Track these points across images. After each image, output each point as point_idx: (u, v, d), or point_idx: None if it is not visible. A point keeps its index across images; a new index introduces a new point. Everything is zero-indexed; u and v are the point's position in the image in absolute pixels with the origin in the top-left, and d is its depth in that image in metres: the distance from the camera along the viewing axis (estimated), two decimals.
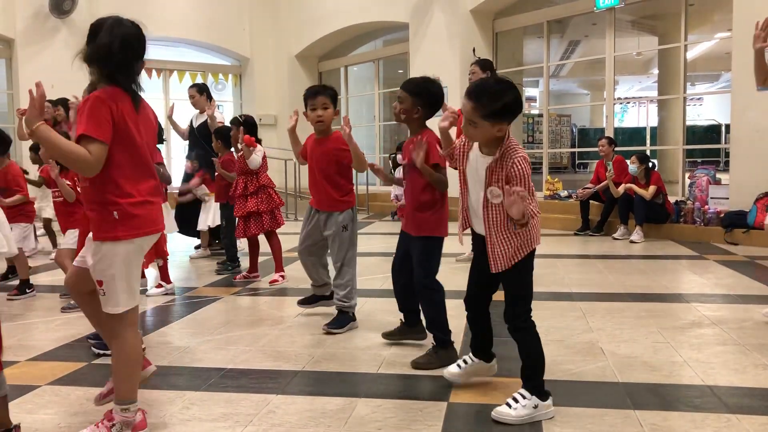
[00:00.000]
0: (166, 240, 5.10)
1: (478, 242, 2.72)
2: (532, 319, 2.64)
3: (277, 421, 2.59)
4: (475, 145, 2.66)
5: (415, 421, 2.57)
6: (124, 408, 2.41)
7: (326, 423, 2.55)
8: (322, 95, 3.90)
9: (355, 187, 4.15)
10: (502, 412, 2.55)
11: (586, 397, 2.77)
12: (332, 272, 4.04)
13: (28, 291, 4.98)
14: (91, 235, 2.45)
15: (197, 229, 6.75)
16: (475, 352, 2.91)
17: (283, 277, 5.29)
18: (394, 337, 3.61)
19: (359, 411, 2.67)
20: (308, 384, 3.03)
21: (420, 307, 3.47)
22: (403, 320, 3.60)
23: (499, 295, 2.76)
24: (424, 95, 3.31)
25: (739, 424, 2.48)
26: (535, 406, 2.54)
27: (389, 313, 4.11)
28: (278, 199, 5.38)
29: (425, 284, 3.31)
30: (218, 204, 6.05)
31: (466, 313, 2.87)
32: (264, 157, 5.38)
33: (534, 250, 2.62)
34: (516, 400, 2.55)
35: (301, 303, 4.24)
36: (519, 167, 2.49)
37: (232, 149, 5.98)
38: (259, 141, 5.41)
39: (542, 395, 2.57)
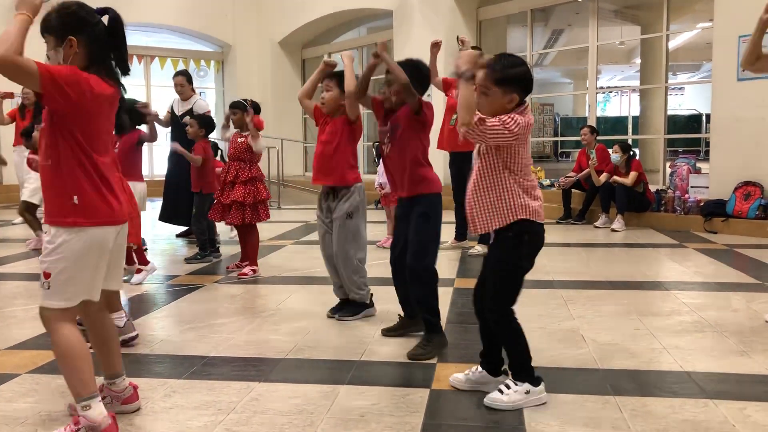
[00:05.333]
0: (140, 226, 5.02)
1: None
2: (513, 313, 2.60)
3: (259, 408, 2.59)
4: None
5: (398, 407, 2.58)
6: (83, 405, 2.24)
7: (309, 410, 2.56)
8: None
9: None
10: (494, 398, 2.55)
11: (567, 384, 2.79)
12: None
13: None
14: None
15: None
16: (482, 362, 2.76)
17: (254, 270, 5.17)
18: (394, 332, 3.51)
19: (342, 398, 2.68)
20: (291, 372, 3.02)
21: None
22: (403, 313, 3.54)
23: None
24: (414, 74, 3.29)
25: (716, 408, 2.52)
26: (527, 392, 2.55)
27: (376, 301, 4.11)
28: (266, 193, 5.25)
29: (420, 269, 3.24)
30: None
31: (475, 309, 2.75)
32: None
33: (528, 233, 2.54)
34: (508, 386, 2.56)
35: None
36: (510, 115, 2.46)
37: (210, 137, 5.94)
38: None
39: (533, 381, 2.58)
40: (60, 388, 2.82)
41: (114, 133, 3.57)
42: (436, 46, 6.05)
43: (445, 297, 3.16)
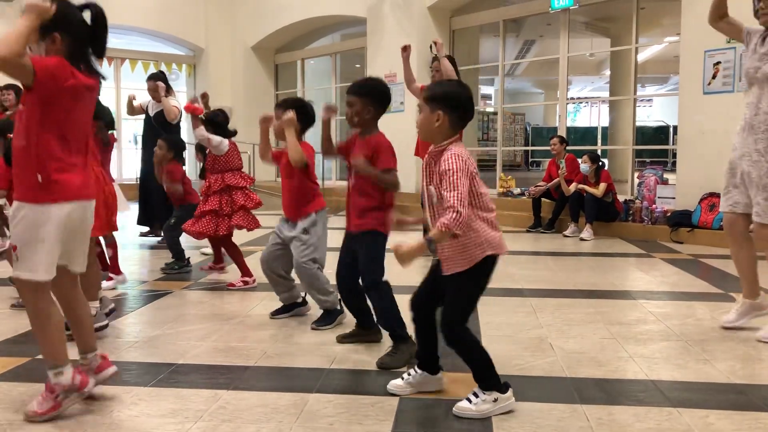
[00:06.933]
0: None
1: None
2: (467, 328, 2.60)
3: (227, 416, 2.56)
4: None
5: (366, 416, 2.57)
6: (56, 372, 2.47)
7: (277, 418, 2.54)
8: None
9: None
10: (463, 407, 2.55)
11: (534, 392, 2.82)
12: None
13: None
14: None
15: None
16: (420, 364, 2.79)
17: (245, 282, 4.94)
18: (348, 339, 3.52)
19: (311, 406, 2.67)
20: (260, 379, 3.01)
21: (371, 306, 3.41)
22: (357, 323, 3.55)
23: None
24: (373, 94, 3.30)
25: (680, 417, 2.57)
26: (495, 400, 2.56)
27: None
28: (243, 201, 4.97)
29: (374, 284, 3.26)
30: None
31: (411, 314, 2.77)
32: (233, 152, 5.08)
33: (491, 260, 2.59)
34: (476, 395, 2.57)
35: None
36: (448, 162, 2.46)
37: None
38: (234, 133, 5.18)
39: (501, 388, 2.59)
40: (22, 396, 2.76)
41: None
42: (405, 50, 5.94)
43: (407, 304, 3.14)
